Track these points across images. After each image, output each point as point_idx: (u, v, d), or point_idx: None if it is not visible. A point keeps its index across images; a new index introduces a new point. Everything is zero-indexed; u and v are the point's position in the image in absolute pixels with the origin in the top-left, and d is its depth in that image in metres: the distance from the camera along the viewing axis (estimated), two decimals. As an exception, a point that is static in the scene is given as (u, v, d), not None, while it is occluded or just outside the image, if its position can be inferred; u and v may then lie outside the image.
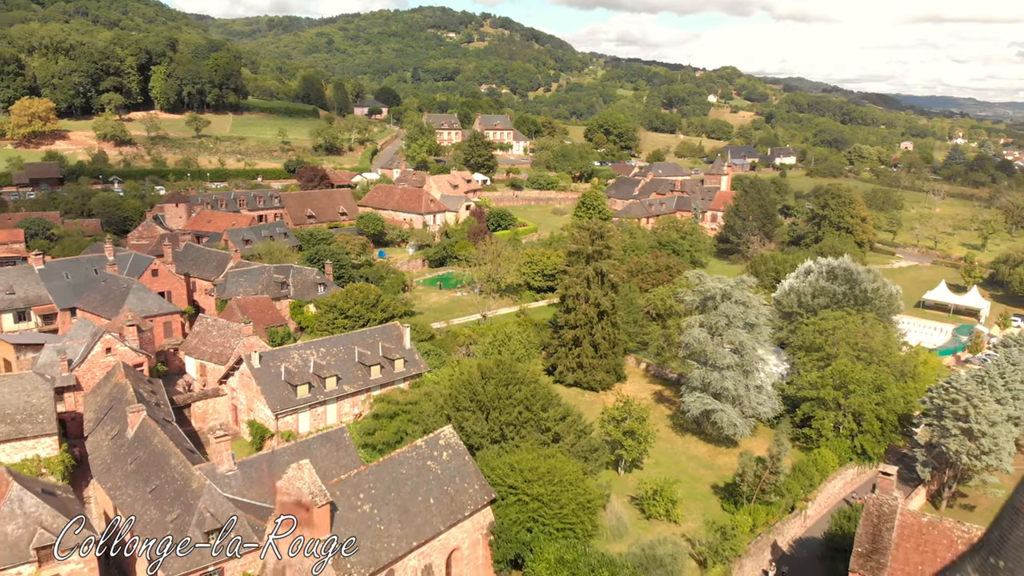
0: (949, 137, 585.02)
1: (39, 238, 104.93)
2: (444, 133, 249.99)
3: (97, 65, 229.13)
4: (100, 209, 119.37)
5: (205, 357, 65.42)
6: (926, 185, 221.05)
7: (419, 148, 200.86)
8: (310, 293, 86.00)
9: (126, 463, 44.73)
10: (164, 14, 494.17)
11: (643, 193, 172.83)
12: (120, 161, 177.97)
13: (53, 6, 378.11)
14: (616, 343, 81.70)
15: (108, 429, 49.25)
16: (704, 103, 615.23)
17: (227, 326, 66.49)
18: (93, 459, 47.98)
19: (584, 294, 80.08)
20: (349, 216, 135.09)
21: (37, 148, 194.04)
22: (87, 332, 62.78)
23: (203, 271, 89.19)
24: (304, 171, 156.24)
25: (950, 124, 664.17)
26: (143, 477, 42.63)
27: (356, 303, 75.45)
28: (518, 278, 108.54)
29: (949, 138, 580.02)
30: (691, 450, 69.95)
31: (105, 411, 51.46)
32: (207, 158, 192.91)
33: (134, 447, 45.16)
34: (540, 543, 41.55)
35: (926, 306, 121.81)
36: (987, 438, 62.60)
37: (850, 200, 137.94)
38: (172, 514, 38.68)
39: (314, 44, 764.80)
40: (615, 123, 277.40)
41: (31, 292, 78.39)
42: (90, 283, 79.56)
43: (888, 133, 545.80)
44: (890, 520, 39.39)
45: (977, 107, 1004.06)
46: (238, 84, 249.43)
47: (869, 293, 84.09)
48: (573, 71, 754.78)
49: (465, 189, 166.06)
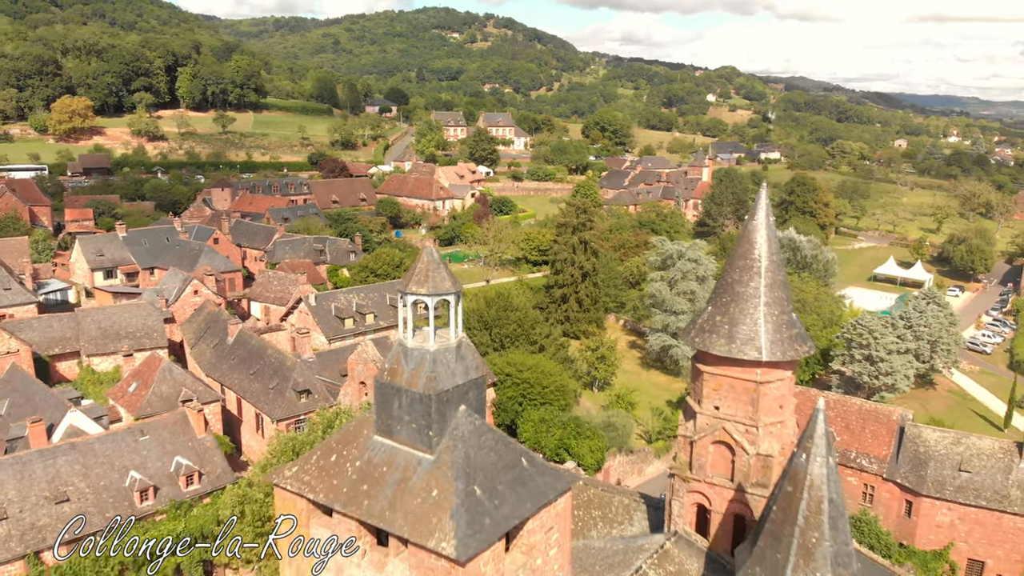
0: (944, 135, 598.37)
1: (105, 216, 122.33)
2: (451, 129, 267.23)
3: (128, 66, 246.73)
4: (153, 193, 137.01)
5: (268, 301, 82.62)
6: (898, 177, 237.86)
7: (428, 143, 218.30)
8: (343, 259, 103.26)
9: (229, 360, 61.95)
10: (177, 16, 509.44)
11: (632, 183, 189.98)
12: (157, 155, 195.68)
13: (71, 8, 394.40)
14: (597, 300, 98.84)
15: (209, 341, 66.52)
16: (703, 102, 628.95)
17: (284, 277, 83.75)
18: (200, 362, 65.20)
19: (570, 259, 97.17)
20: (368, 202, 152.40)
21: (76, 143, 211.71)
22: (177, 280, 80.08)
23: (252, 241, 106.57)
24: (326, 163, 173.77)
25: (945, 122, 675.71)
26: (246, 366, 59.86)
27: (384, 263, 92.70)
28: (516, 252, 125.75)
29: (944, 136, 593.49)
30: (653, 379, 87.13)
31: (204, 331, 68.74)
32: (234, 152, 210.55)
33: (234, 349, 62.40)
34: (528, 411, 58.71)
35: (877, 279, 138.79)
36: (885, 363, 79.66)
37: (814, 188, 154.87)
38: (272, 383, 55.89)
39: (320, 44, 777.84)
40: (610, 121, 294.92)
41: (117, 255, 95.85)
42: (164, 248, 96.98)
43: (882, 131, 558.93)
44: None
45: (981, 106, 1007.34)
46: (258, 84, 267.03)
47: (808, 259, 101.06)
48: (575, 71, 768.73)
49: (470, 180, 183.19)
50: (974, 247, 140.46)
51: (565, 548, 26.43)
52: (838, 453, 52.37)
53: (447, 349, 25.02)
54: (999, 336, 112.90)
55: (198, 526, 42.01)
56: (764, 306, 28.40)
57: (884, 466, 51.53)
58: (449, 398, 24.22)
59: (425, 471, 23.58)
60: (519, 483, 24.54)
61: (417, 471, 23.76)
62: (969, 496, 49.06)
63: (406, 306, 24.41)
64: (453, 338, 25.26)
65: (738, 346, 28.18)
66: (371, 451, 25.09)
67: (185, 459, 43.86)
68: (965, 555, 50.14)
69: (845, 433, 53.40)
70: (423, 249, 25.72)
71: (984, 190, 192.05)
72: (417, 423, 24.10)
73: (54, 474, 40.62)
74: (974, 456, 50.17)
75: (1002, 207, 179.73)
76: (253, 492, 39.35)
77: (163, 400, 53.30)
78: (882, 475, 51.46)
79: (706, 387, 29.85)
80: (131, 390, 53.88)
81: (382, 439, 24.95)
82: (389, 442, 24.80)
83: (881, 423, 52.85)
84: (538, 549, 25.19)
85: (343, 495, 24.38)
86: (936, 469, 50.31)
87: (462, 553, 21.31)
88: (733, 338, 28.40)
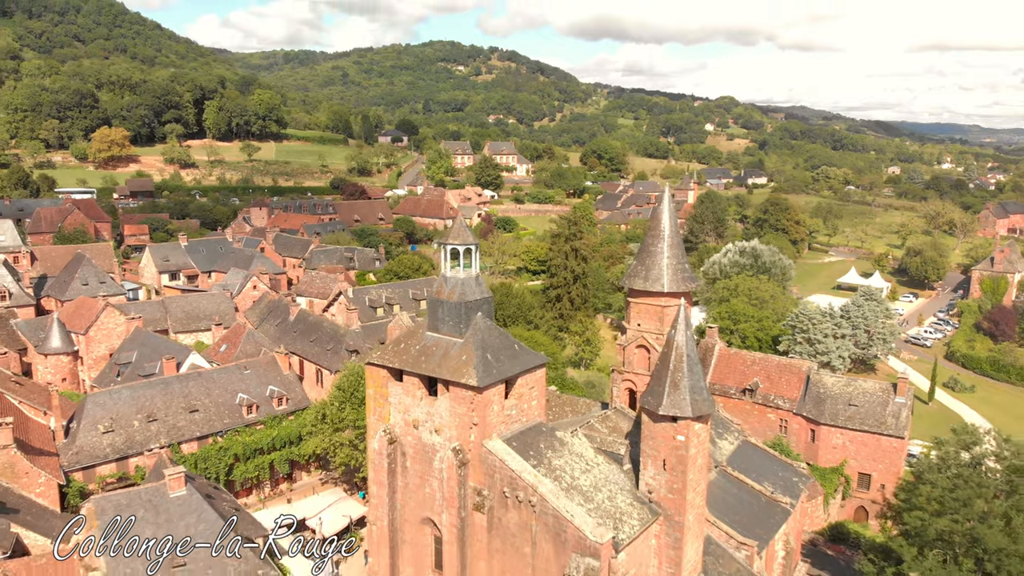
0: (938, 162, 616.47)
1: (159, 231, 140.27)
2: (458, 157, 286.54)
3: (160, 100, 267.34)
4: (197, 212, 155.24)
5: (312, 295, 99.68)
6: (873, 199, 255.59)
7: (438, 169, 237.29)
8: (369, 266, 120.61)
9: (292, 333, 78.84)
10: (194, 50, 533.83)
11: (624, 205, 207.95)
12: (191, 180, 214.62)
13: (93, 44, 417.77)
14: (587, 299, 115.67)
15: (272, 321, 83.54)
16: (701, 131, 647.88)
17: (325, 276, 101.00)
18: (267, 336, 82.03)
19: (564, 264, 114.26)
20: (386, 220, 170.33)
21: (115, 170, 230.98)
22: (238, 278, 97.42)
23: (291, 252, 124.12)
24: (347, 187, 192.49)
25: (940, 149, 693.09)
26: (306, 336, 76.78)
27: (406, 267, 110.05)
28: (517, 263, 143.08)
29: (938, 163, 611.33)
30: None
31: (267, 314, 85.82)
32: (260, 178, 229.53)
33: (296, 324, 79.35)
34: (525, 370, 75.15)
35: (841, 288, 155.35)
36: (821, 344, 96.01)
37: (786, 207, 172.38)
38: (329, 346, 72.80)
39: (330, 77, 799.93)
40: (606, 149, 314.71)
41: (180, 260, 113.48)
42: (219, 255, 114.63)
43: (876, 158, 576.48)
44: (712, 350, 72.92)
45: (983, 133, 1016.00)
46: (279, 116, 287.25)
47: (768, 264, 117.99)
48: (577, 101, 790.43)
49: (477, 202, 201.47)
50: (928, 259, 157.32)
51: (541, 400, 43.29)
52: (761, 396, 68.93)
53: (469, 278, 42.03)
54: (940, 333, 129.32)
55: (286, 434, 58.72)
56: (666, 259, 45.46)
57: (794, 404, 67.88)
58: (471, 306, 41.23)
59: (458, 347, 40.51)
60: (512, 356, 41.49)
61: (453, 347, 40.69)
62: (856, 423, 65.40)
63: (445, 252, 41.58)
64: (474, 272, 42.22)
65: (651, 283, 45.17)
66: (424, 341, 42.09)
67: (276, 387, 60.63)
68: (856, 469, 66.39)
69: (767, 381, 69.88)
70: (455, 219, 43.03)
71: (949, 209, 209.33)
72: (453, 321, 41.12)
73: (187, 392, 57.50)
74: (860, 394, 66.68)
75: (963, 225, 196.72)
76: (329, 405, 56.10)
77: (248, 356, 70.18)
78: (793, 411, 67.81)
79: (632, 311, 46.81)
80: (222, 350, 70.79)
81: (431, 333, 41.93)
82: (436, 335, 41.79)
83: (793, 373, 69.39)
84: (524, 397, 42.06)
85: (410, 363, 41.27)
86: (832, 405, 66.71)
87: (480, 383, 38.09)
88: (647, 279, 45.42)
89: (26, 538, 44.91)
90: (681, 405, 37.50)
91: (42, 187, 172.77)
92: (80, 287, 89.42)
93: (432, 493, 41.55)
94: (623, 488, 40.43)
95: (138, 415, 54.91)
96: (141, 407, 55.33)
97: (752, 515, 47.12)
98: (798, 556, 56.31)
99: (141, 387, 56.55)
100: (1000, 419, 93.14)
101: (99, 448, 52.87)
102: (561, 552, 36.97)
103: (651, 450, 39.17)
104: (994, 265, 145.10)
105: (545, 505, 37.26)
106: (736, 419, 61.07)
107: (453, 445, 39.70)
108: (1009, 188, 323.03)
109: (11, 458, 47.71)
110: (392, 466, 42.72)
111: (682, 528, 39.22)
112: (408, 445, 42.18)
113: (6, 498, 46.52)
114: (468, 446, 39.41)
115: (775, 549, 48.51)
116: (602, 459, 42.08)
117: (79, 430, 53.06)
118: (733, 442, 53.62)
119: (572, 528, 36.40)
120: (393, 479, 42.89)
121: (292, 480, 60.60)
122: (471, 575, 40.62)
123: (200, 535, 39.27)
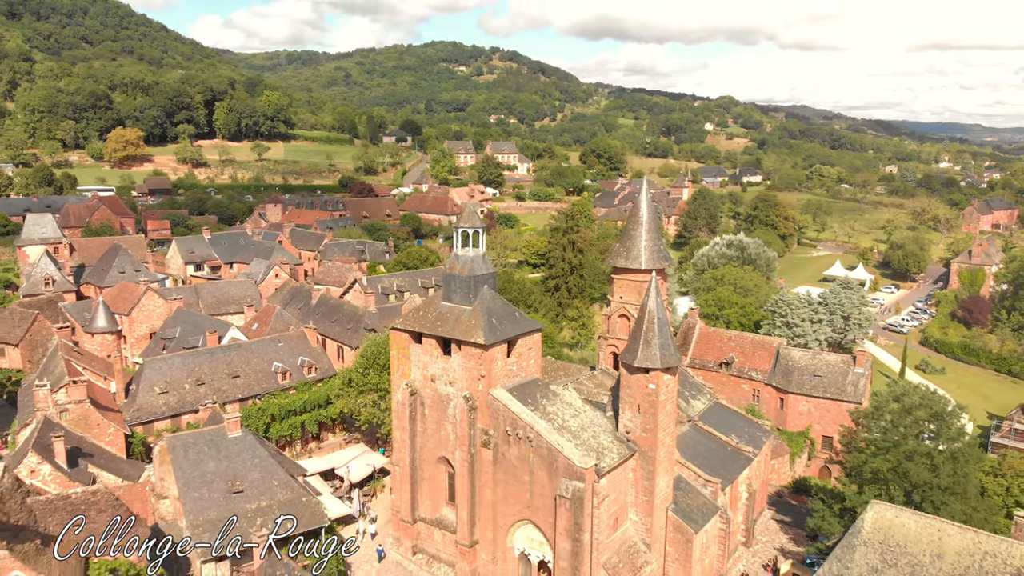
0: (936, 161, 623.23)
1: (180, 227, 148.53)
2: (461, 156, 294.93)
3: (172, 101, 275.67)
4: (215, 209, 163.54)
5: (328, 284, 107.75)
6: (863, 196, 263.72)
7: (442, 168, 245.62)
8: (380, 258, 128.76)
9: (314, 315, 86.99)
10: (199, 52, 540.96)
11: (621, 202, 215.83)
12: (205, 179, 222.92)
13: (101, 45, 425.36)
14: (583, 289, 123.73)
15: (295, 304, 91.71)
16: (701, 131, 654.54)
17: (340, 266, 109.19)
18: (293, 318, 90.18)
19: (561, 255, 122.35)
20: (393, 216, 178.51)
21: (130, 169, 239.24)
22: (261, 267, 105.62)
23: (306, 245, 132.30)
24: (355, 185, 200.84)
25: (938, 148, 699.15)
26: (328, 317, 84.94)
27: (415, 258, 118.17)
28: (519, 257, 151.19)
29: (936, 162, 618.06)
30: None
31: (289, 299, 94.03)
32: (270, 176, 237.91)
33: (318, 307, 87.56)
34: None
35: (826, 279, 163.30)
36: (799, 328, 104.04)
37: (775, 204, 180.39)
38: (349, 325, 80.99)
39: (332, 77, 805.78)
40: (605, 148, 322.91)
41: (204, 252, 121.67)
42: (240, 247, 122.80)
43: (874, 157, 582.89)
44: (693, 329, 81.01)
45: (984, 132, 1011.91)
46: (287, 117, 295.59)
47: (753, 256, 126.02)
48: (578, 101, 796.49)
49: (479, 199, 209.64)
50: (909, 252, 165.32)
51: (537, 360, 51.48)
52: (736, 369, 77.03)
53: (478, 256, 50.21)
54: (917, 321, 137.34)
55: (315, 398, 66.93)
56: (644, 241, 53.54)
57: (766, 376, 75.95)
58: (479, 280, 49.39)
59: (468, 313, 48.64)
60: (514, 321, 49.68)
61: (464, 314, 48.80)
62: (820, 391, 73.43)
63: (457, 234, 49.79)
64: (482, 251, 50.35)
65: (631, 261, 53.31)
66: (439, 309, 50.26)
67: (306, 357, 68.88)
68: (820, 433, 74.41)
69: (742, 356, 77.98)
70: (465, 207, 51.28)
71: (934, 206, 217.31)
72: (464, 292, 49.28)
73: (230, 360, 65.76)
74: (824, 366, 74.76)
75: (947, 220, 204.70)
76: (354, 371, 64.30)
77: (278, 332, 78.38)
78: (764, 381, 75.89)
79: (615, 286, 54.98)
80: (254, 328, 79.01)
81: (445, 303, 50.09)
82: (449, 304, 49.97)
83: (765, 348, 77.51)
84: (523, 356, 50.23)
85: (428, 327, 49.44)
86: (799, 376, 74.75)
87: (487, 342, 46.24)
88: (628, 257, 53.55)
89: (100, 477, 53.16)
90: (652, 358, 45.61)
91: (65, 185, 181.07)
92: (117, 275, 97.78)
93: (447, 435, 49.81)
94: (605, 430, 48.62)
95: (188, 379, 63.19)
96: (191, 372, 63.63)
97: (719, 460, 55.21)
98: (764, 503, 64.57)
99: (190, 356, 64.91)
100: (967, 397, 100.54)
101: (156, 406, 61.15)
102: (554, 478, 45.14)
103: (628, 397, 47.32)
104: (972, 258, 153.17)
105: (540, 440, 45.44)
106: (711, 386, 69.19)
107: (464, 393, 47.92)
108: (1000, 186, 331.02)
109: (85, 411, 55.96)
110: (413, 414, 50.98)
111: (654, 462, 47.35)
112: (426, 396, 50.43)
113: (81, 445, 54.73)
114: (477, 394, 47.60)
115: (739, 490, 56.58)
116: (588, 407, 50.29)
117: (138, 391, 61.33)
118: (705, 403, 61.74)
119: (562, 458, 44.58)
120: (414, 425, 51.14)
121: (320, 440, 68.78)
122: (479, 502, 48.81)
123: (255, 467, 47.48)
